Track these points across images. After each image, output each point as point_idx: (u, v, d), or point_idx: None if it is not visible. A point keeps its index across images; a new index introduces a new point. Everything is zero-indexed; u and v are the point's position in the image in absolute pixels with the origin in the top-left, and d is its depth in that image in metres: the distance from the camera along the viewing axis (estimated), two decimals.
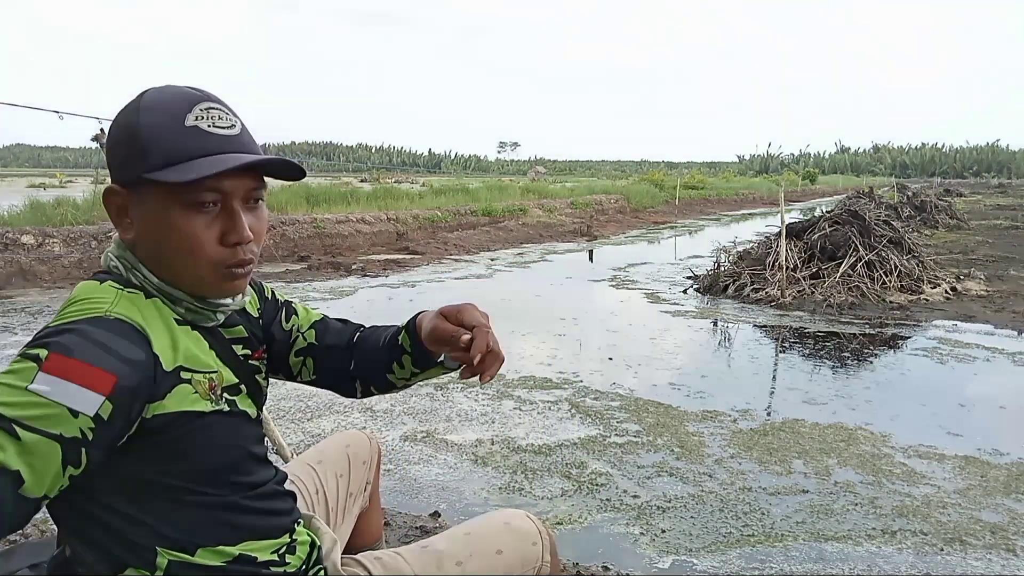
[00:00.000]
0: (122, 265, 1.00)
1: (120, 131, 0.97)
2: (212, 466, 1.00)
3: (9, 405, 0.77)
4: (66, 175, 44.25)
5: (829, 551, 2.53)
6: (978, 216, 19.52)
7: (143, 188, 0.95)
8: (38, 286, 7.95)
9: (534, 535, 1.30)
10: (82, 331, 0.85)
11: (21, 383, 0.79)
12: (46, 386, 0.79)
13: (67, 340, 0.83)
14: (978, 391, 4.57)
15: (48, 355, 0.81)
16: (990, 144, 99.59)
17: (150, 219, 0.96)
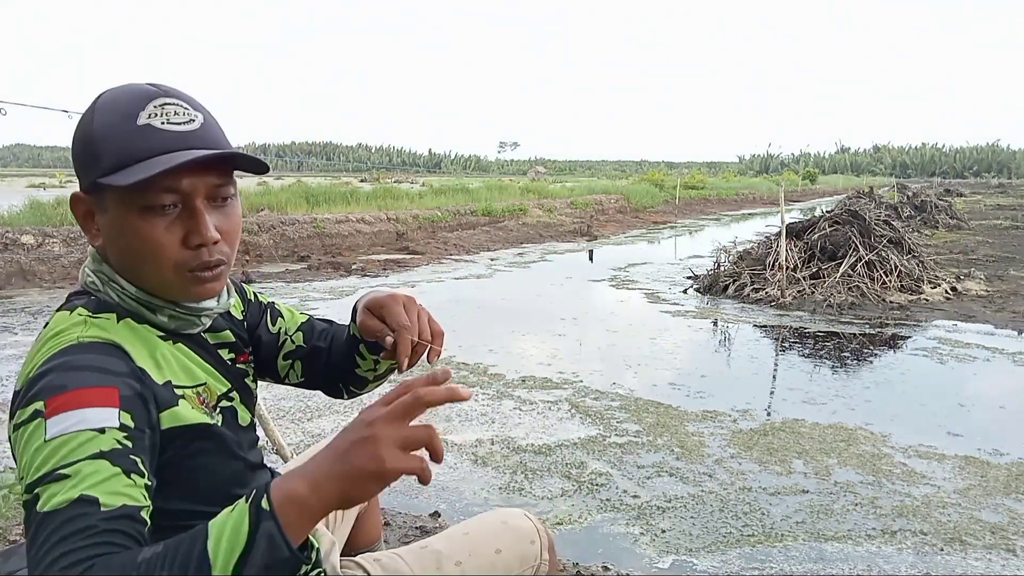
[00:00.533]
0: (99, 279, 0.97)
1: (77, 136, 0.94)
2: (212, 483, 0.97)
3: (43, 464, 0.75)
4: (66, 175, 44.22)
5: (829, 551, 2.53)
6: (978, 216, 19.52)
7: (101, 193, 0.92)
8: (38, 286, 7.95)
9: (532, 534, 1.30)
10: (62, 364, 0.83)
11: (39, 441, 0.77)
12: (59, 427, 0.77)
13: (53, 380, 0.81)
14: (978, 391, 4.57)
15: (44, 403, 0.79)
16: (990, 144, 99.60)
17: (112, 225, 0.93)
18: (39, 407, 0.79)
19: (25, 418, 0.79)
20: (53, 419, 0.77)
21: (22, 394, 0.82)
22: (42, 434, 0.77)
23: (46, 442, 0.76)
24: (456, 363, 4.94)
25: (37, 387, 0.81)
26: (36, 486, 0.74)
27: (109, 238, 0.95)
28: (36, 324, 6.03)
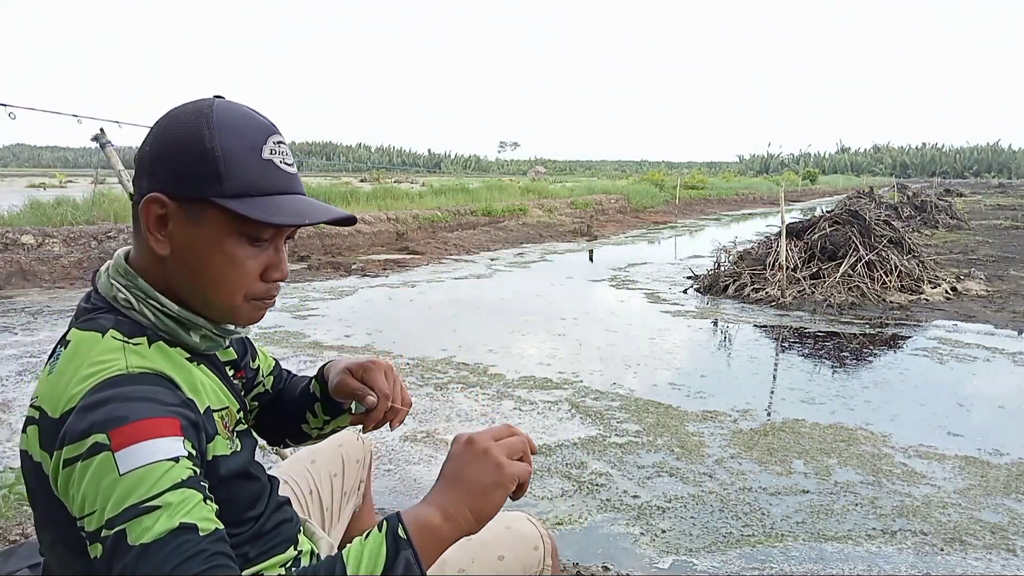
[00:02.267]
0: (133, 297, 0.93)
1: (186, 144, 0.89)
2: (232, 510, 0.94)
3: (124, 498, 0.74)
4: (66, 175, 44.25)
5: (829, 551, 2.53)
6: (978, 216, 19.52)
7: (200, 208, 0.89)
8: (38, 286, 7.95)
9: (536, 539, 1.30)
10: (116, 395, 0.80)
11: (110, 476, 0.75)
12: (132, 460, 0.76)
13: (112, 411, 0.78)
14: (978, 391, 4.57)
15: (107, 436, 0.76)
16: (990, 144, 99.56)
17: (199, 241, 0.90)
18: (100, 440, 0.76)
19: (82, 452, 0.76)
20: (122, 452, 0.75)
21: (69, 427, 0.78)
22: (113, 468, 0.75)
23: (121, 476, 0.74)
24: (456, 363, 4.94)
25: (89, 420, 0.78)
26: (119, 521, 0.73)
27: (187, 251, 0.91)
28: (36, 324, 6.03)
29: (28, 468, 0.87)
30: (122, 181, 3.38)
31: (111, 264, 0.97)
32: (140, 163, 0.93)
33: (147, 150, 0.92)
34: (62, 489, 0.80)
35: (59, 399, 0.82)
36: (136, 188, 0.93)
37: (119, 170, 3.35)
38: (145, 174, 0.91)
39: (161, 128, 0.92)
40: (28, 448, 0.86)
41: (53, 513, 0.84)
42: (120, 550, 0.72)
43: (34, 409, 0.86)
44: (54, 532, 0.87)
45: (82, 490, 0.76)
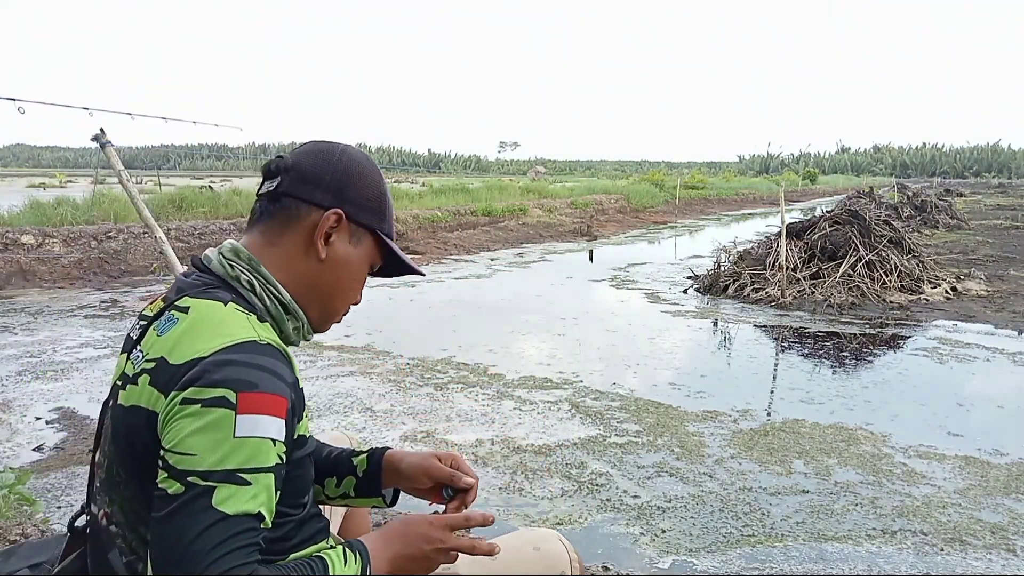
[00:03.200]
0: (256, 281, 1.01)
1: (371, 181, 1.07)
2: (299, 488, 1.01)
3: (227, 458, 0.81)
4: (66, 175, 44.26)
5: (829, 551, 2.53)
6: (978, 216, 19.52)
7: (364, 235, 1.07)
8: (38, 286, 7.95)
9: (564, 563, 1.23)
10: (248, 360, 0.87)
11: (225, 432, 0.82)
12: (248, 428, 0.82)
13: (243, 374, 0.85)
14: (978, 391, 4.57)
15: (236, 396, 0.83)
16: (990, 144, 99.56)
17: (352, 259, 1.06)
18: (228, 395, 0.83)
19: (206, 399, 0.83)
20: (244, 417, 0.83)
21: (198, 372, 0.84)
22: (231, 427, 0.82)
23: (235, 438, 0.82)
24: (456, 363, 4.94)
25: (224, 373, 0.84)
26: (214, 478, 0.80)
27: (338, 263, 1.06)
28: (36, 324, 6.03)
29: (130, 420, 0.90)
30: (122, 181, 3.37)
31: (225, 250, 1.04)
32: (319, 178, 1.03)
33: (329, 169, 1.04)
34: (166, 422, 0.84)
35: (184, 350, 0.88)
36: (305, 193, 1.03)
37: (119, 170, 3.34)
38: (326, 189, 1.04)
39: (347, 159, 1.06)
40: (133, 400, 0.90)
41: (142, 468, 0.88)
42: (201, 503, 0.79)
43: (148, 362, 0.91)
44: (136, 489, 0.91)
45: (191, 432, 0.82)
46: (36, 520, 2.40)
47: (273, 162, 1.06)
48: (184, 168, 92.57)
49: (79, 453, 3.30)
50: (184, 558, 0.77)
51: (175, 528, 0.79)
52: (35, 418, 3.77)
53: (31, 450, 3.36)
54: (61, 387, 4.30)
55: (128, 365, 0.96)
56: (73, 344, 5.37)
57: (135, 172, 42.19)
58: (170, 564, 0.78)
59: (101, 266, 8.85)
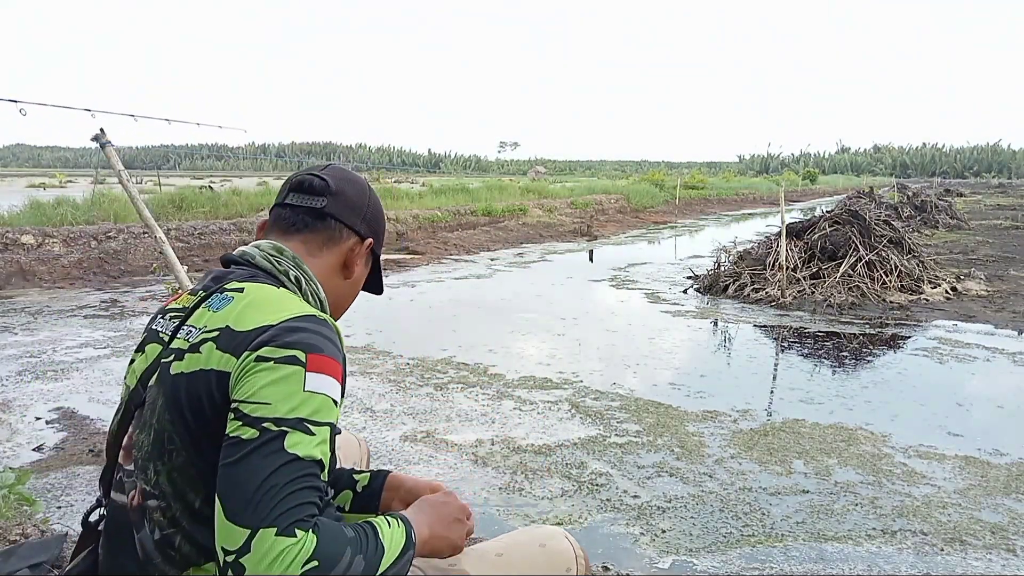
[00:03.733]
0: (303, 278, 1.13)
1: (381, 213, 1.28)
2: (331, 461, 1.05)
3: (298, 408, 0.90)
4: (66, 175, 44.25)
5: (829, 551, 2.53)
6: (978, 216, 19.52)
7: (370, 256, 1.26)
8: (38, 286, 7.95)
9: (570, 560, 1.23)
10: (315, 329, 0.98)
11: (296, 386, 0.91)
12: (315, 384, 0.93)
13: (311, 339, 0.96)
14: (978, 391, 4.57)
15: (306, 356, 0.94)
16: (991, 144, 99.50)
17: (361, 278, 1.27)
18: (299, 355, 0.93)
19: (280, 357, 0.93)
20: (312, 375, 0.93)
21: (271, 335, 0.95)
22: (301, 381, 0.92)
23: (304, 391, 0.92)
24: (456, 363, 4.94)
25: (295, 336, 0.95)
26: (287, 424, 0.89)
27: (356, 281, 1.25)
28: (36, 324, 6.03)
29: (195, 384, 0.96)
30: (122, 181, 3.37)
31: (267, 247, 1.14)
32: (360, 209, 1.22)
33: (366, 202, 1.23)
34: (240, 377, 0.93)
35: (251, 320, 0.98)
36: (348, 220, 1.20)
37: (119, 170, 3.34)
38: (364, 221, 1.22)
39: (375, 196, 1.27)
40: (199, 366, 0.97)
41: (204, 429, 0.95)
42: (274, 446, 0.87)
43: (208, 332, 0.99)
44: (191, 454, 0.96)
45: (266, 384, 0.91)
46: (36, 520, 2.40)
47: (317, 180, 1.17)
48: (184, 168, 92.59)
49: (79, 453, 3.30)
50: (260, 493, 0.84)
51: (251, 467, 0.86)
52: (35, 418, 3.77)
53: (31, 450, 3.36)
54: (61, 387, 4.30)
55: (180, 342, 1.02)
56: (73, 344, 5.37)
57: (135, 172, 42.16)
58: (245, 501, 0.84)
59: (101, 266, 8.85)
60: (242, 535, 0.83)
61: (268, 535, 0.82)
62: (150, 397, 1.02)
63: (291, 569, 0.81)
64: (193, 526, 0.96)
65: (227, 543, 0.84)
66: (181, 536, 0.96)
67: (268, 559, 0.81)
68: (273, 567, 0.81)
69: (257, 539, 0.82)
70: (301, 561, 0.82)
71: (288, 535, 0.82)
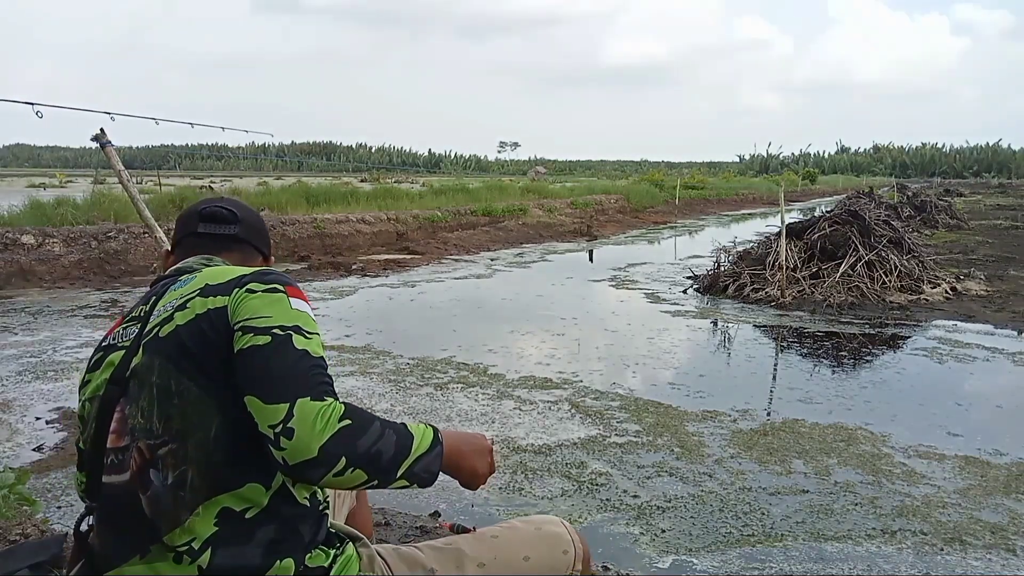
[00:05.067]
0: None
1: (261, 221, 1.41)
2: None
3: (294, 319, 1.06)
4: (66, 175, 44.19)
5: (829, 551, 2.53)
6: (978, 216, 19.52)
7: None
8: (38, 286, 7.95)
9: (566, 543, 1.29)
10: (282, 275, 1.15)
11: (284, 304, 1.08)
12: (298, 305, 1.09)
13: (283, 278, 1.13)
14: (978, 391, 4.57)
15: (284, 287, 1.10)
16: (990, 144, 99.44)
17: None
18: (279, 287, 1.10)
19: (264, 288, 1.09)
20: (294, 299, 1.10)
21: (251, 278, 1.11)
22: (287, 302, 1.08)
23: (292, 309, 1.07)
24: (456, 363, 4.94)
25: (271, 277, 1.12)
26: (290, 328, 1.04)
27: None
28: (36, 324, 6.03)
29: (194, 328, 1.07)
30: (122, 181, 3.37)
31: (194, 261, 1.26)
32: (261, 233, 1.39)
33: (263, 227, 1.41)
34: (237, 306, 1.07)
35: (226, 276, 1.13)
36: (257, 243, 1.37)
37: (119, 170, 3.34)
38: (265, 243, 1.40)
39: (261, 219, 1.42)
40: (191, 316, 1.08)
41: (211, 361, 1.05)
42: (287, 345, 1.02)
43: (188, 296, 1.11)
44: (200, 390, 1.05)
45: (262, 305, 1.06)
46: (36, 520, 2.39)
47: (226, 210, 1.32)
48: (184, 168, 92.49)
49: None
50: (288, 377, 0.99)
51: (274, 362, 1.00)
52: (35, 418, 3.78)
53: (31, 450, 3.36)
54: (61, 387, 4.30)
55: (156, 320, 1.12)
56: (73, 344, 5.37)
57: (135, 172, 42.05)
58: (277, 385, 0.99)
59: (101, 266, 8.85)
60: (283, 409, 0.97)
61: (304, 402, 0.97)
62: (141, 371, 1.09)
63: (329, 425, 0.97)
64: (208, 455, 1.04)
65: (271, 419, 0.97)
66: (194, 470, 1.03)
67: (310, 419, 0.96)
68: (316, 424, 0.96)
69: (297, 407, 0.97)
70: (336, 418, 0.98)
71: (319, 399, 0.98)
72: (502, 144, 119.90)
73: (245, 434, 1.02)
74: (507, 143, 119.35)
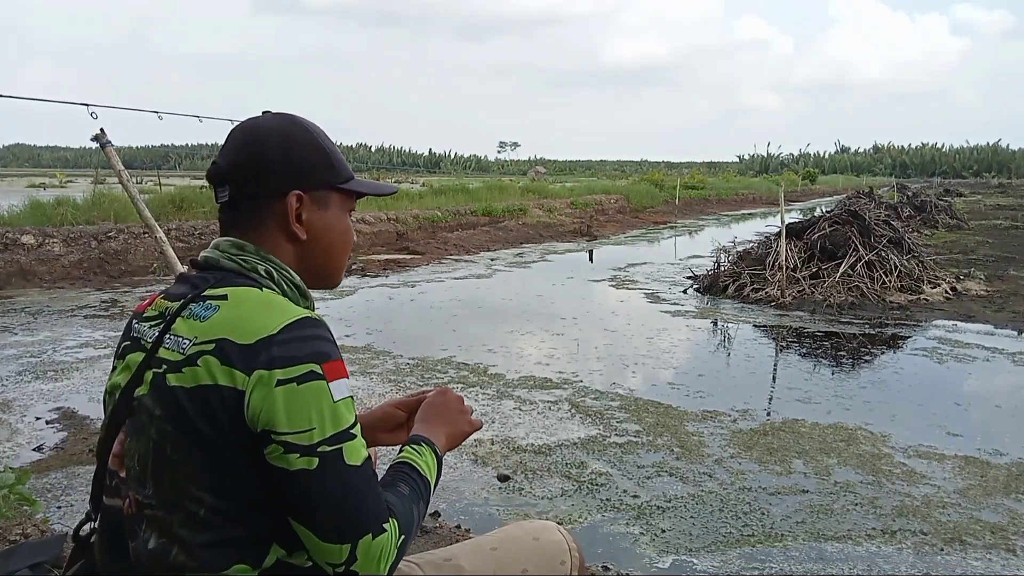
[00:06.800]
0: (273, 269, 1.06)
1: (306, 146, 1.08)
2: None
3: (339, 422, 0.94)
4: (66, 175, 44.21)
5: (829, 551, 2.53)
6: (978, 216, 19.53)
7: (325, 195, 1.09)
8: (38, 286, 7.95)
9: (563, 553, 1.26)
10: (315, 335, 0.96)
11: (327, 401, 0.93)
12: (339, 392, 0.95)
13: (317, 347, 0.95)
14: (978, 391, 4.57)
15: (321, 368, 0.94)
16: (990, 144, 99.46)
17: (329, 221, 1.10)
18: (316, 369, 0.93)
19: (299, 375, 0.92)
20: (334, 383, 0.94)
21: (280, 352, 0.92)
22: (329, 395, 0.94)
23: (335, 403, 0.94)
24: (456, 363, 4.94)
25: (302, 350, 0.93)
26: (338, 441, 0.93)
27: (320, 231, 1.10)
28: (36, 324, 6.03)
29: (200, 399, 0.94)
30: (122, 181, 3.38)
31: (224, 247, 1.07)
32: (261, 169, 1.06)
33: (268, 156, 1.06)
34: (265, 402, 0.91)
35: (249, 330, 0.94)
36: (259, 191, 1.06)
37: (119, 170, 3.35)
38: (275, 176, 1.06)
39: (276, 136, 1.07)
40: (201, 380, 0.94)
41: (212, 443, 0.94)
42: (338, 466, 0.93)
43: (203, 344, 0.95)
44: (195, 466, 0.95)
45: (300, 408, 0.91)
46: (36, 520, 2.40)
47: (211, 171, 1.08)
48: (184, 168, 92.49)
49: (79, 453, 3.30)
50: (346, 511, 0.93)
51: (326, 491, 0.92)
52: (35, 418, 3.77)
53: (31, 450, 3.36)
54: (61, 387, 4.30)
55: (167, 353, 0.98)
56: (73, 344, 5.37)
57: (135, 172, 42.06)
58: (335, 522, 0.92)
59: (101, 266, 8.85)
60: (345, 549, 0.93)
61: (367, 542, 0.93)
62: (143, 408, 0.99)
63: (391, 556, 0.95)
64: (194, 535, 0.95)
65: (330, 558, 0.94)
66: (178, 547, 0.95)
67: (374, 560, 0.93)
68: (380, 564, 0.94)
69: (360, 549, 0.93)
70: (396, 546, 0.96)
71: (381, 533, 0.94)
72: (502, 144, 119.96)
73: (237, 517, 0.95)
74: (507, 143, 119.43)
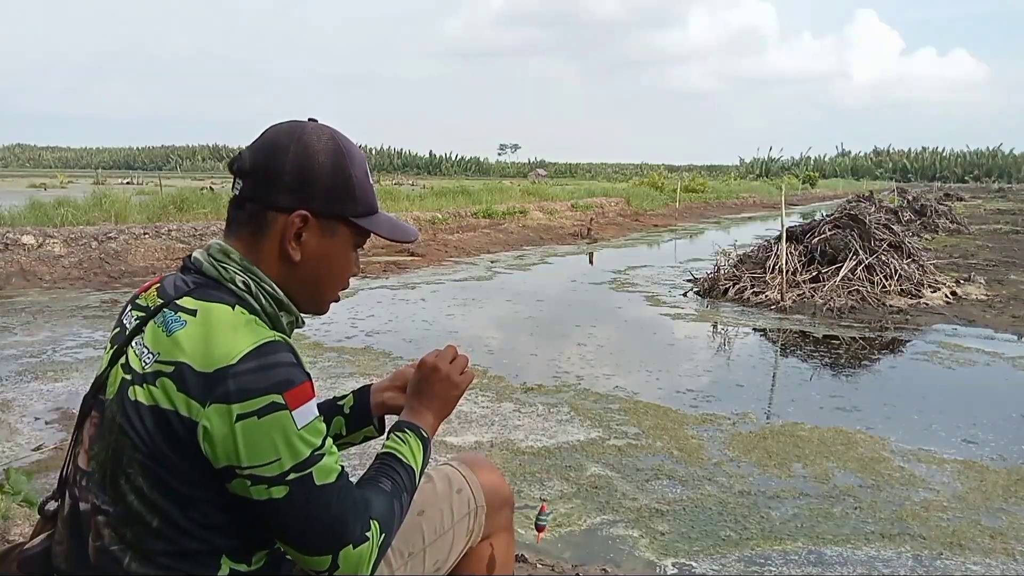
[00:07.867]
0: (251, 282, 1.03)
1: (332, 171, 1.04)
2: None
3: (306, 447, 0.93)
4: (66, 175, 44.21)
5: (828, 554, 2.53)
6: (978, 220, 19.52)
7: (335, 225, 1.06)
8: (38, 286, 7.95)
9: (458, 481, 1.29)
10: (278, 360, 0.94)
11: (292, 430, 0.92)
12: (304, 418, 0.94)
13: (284, 375, 0.93)
14: (977, 395, 4.57)
15: (283, 397, 0.92)
16: (991, 149, 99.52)
17: (330, 251, 1.07)
18: (276, 400, 0.91)
19: (259, 408, 0.90)
20: (298, 411, 0.93)
21: (240, 385, 0.90)
22: (292, 423, 0.92)
23: (299, 430, 0.92)
24: None
25: (262, 381, 0.91)
26: (307, 466, 0.93)
27: (316, 258, 1.06)
28: (36, 324, 6.03)
29: (154, 419, 0.93)
30: None
31: (214, 251, 1.04)
32: (277, 179, 1.02)
33: (285, 168, 1.01)
34: (219, 436, 0.90)
35: (210, 356, 0.92)
36: (266, 199, 1.03)
37: None
38: (285, 190, 1.02)
39: (301, 150, 1.02)
40: (158, 401, 0.92)
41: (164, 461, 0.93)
42: (309, 488, 0.92)
43: (163, 364, 0.93)
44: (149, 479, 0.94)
45: (262, 442, 0.90)
46: (36, 520, 2.40)
47: (234, 161, 1.05)
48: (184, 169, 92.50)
49: None
50: (323, 527, 0.94)
51: (301, 514, 0.93)
52: (35, 418, 3.78)
53: (31, 450, 3.36)
54: (61, 387, 4.30)
55: (134, 359, 0.97)
56: (73, 344, 5.37)
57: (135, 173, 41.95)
58: (313, 538, 0.94)
59: (101, 266, 8.84)
60: (327, 559, 0.95)
61: (348, 552, 0.95)
62: (108, 411, 0.98)
63: (372, 558, 0.97)
64: (148, 543, 0.95)
65: (315, 568, 0.96)
66: (132, 553, 0.95)
67: (356, 565, 0.96)
68: (362, 567, 0.96)
69: (342, 558, 0.95)
70: (377, 547, 0.98)
71: (362, 542, 0.96)
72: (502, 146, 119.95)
73: (188, 531, 0.94)
74: (507, 145, 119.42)
